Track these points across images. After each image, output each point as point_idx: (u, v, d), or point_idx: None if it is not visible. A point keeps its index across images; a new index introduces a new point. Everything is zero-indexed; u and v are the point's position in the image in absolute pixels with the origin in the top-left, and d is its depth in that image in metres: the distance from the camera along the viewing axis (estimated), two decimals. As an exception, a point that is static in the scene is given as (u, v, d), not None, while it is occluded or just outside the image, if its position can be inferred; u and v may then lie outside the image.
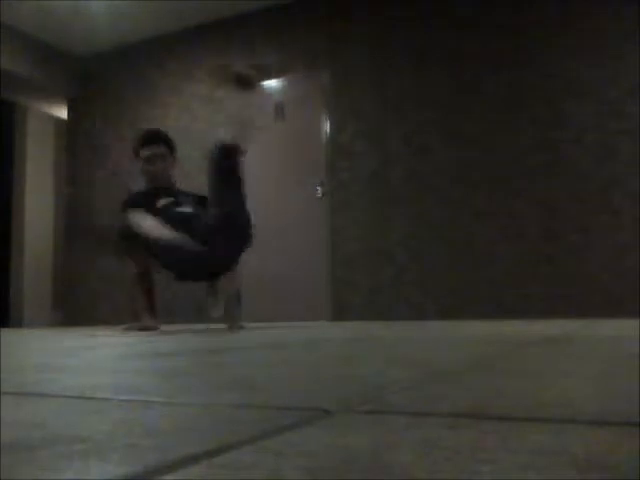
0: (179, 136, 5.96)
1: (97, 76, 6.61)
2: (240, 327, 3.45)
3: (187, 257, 3.09)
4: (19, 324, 6.19)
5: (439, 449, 0.38)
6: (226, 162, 3.08)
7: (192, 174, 5.14)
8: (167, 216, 3.19)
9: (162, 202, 3.37)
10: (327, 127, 5.34)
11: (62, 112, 6.76)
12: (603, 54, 4.47)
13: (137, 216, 3.17)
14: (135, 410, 0.57)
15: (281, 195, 5.44)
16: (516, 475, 0.32)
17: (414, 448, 0.39)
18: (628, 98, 4.35)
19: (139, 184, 3.77)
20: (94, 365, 1.12)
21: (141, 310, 3.43)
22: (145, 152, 3.47)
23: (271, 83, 5.65)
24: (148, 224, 3.11)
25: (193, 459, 0.37)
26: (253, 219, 3.30)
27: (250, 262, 5.55)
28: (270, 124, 5.52)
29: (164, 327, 3.65)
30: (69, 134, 6.68)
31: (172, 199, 3.39)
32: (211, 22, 5.94)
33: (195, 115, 5.95)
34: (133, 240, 3.28)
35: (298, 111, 5.48)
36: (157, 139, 3.55)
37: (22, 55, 6.08)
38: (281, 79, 5.61)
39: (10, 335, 3.29)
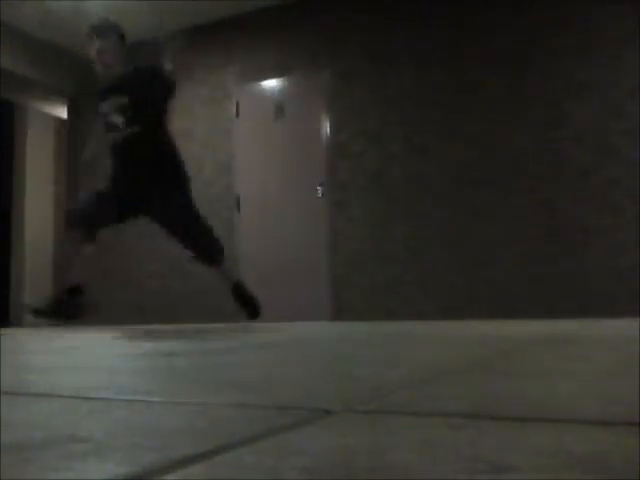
0: (179, 137, 5.96)
1: (97, 76, 6.61)
2: None
3: None
4: (19, 324, 6.19)
5: (439, 449, 0.38)
6: None
7: (193, 173, 5.12)
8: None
9: (105, 106, 3.51)
10: (327, 127, 5.34)
11: (62, 112, 6.76)
12: (603, 54, 4.47)
13: None
14: (135, 410, 0.57)
15: (281, 195, 5.45)
16: (516, 475, 0.32)
17: (414, 448, 0.39)
18: (628, 98, 4.36)
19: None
20: (94, 365, 1.12)
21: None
22: (94, 44, 3.50)
23: (271, 83, 5.65)
24: None
25: (193, 459, 0.37)
26: None
27: (250, 262, 5.55)
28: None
29: (170, 327, 3.65)
30: (69, 134, 6.68)
31: (113, 103, 3.48)
32: (211, 22, 5.94)
33: (195, 115, 5.95)
34: None
35: (298, 111, 5.48)
36: (105, 30, 3.53)
37: (22, 55, 6.08)
38: (281, 79, 5.61)
39: (10, 335, 3.29)
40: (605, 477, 0.32)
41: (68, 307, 3.19)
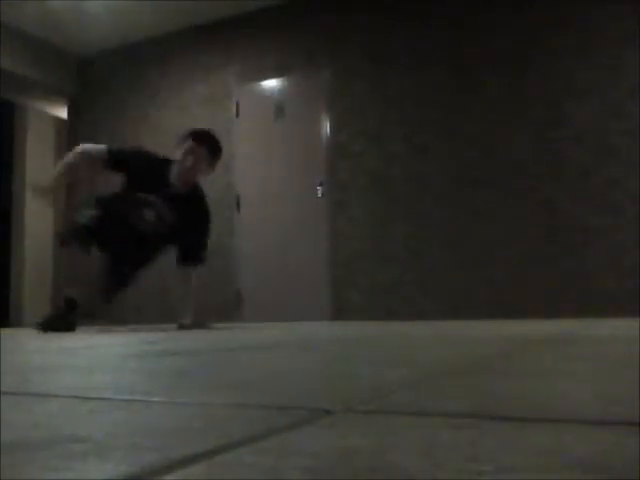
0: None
1: (97, 76, 6.62)
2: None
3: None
4: (19, 324, 6.19)
5: (439, 449, 0.38)
6: None
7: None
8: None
9: (147, 195, 3.39)
10: (327, 127, 5.34)
11: (62, 112, 6.76)
12: (603, 54, 4.47)
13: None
14: (135, 410, 0.57)
15: (281, 195, 5.44)
16: (516, 475, 0.32)
17: (414, 448, 0.39)
18: (628, 98, 4.36)
19: None
20: (94, 365, 1.12)
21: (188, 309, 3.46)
22: (184, 146, 3.42)
23: (271, 83, 5.65)
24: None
25: (193, 459, 0.37)
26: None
27: (250, 262, 5.55)
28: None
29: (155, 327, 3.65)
30: (69, 134, 6.68)
31: (155, 200, 3.38)
32: (211, 22, 5.94)
33: (195, 115, 5.95)
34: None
35: (298, 111, 5.48)
36: (202, 138, 3.46)
37: (22, 55, 6.08)
38: (281, 79, 5.61)
39: (10, 335, 3.29)
40: (605, 477, 0.32)
41: (67, 320, 3.19)
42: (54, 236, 3.29)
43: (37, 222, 6.50)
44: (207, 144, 3.45)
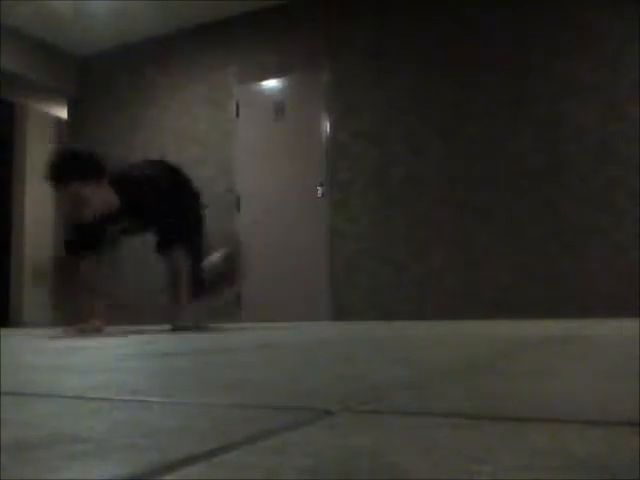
0: (179, 136, 5.98)
1: (97, 76, 6.61)
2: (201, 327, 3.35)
3: None
4: (19, 324, 6.19)
5: (439, 449, 0.38)
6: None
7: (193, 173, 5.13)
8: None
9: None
10: (327, 127, 5.34)
11: (62, 112, 6.76)
12: (603, 54, 4.47)
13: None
14: (135, 410, 0.57)
15: (281, 195, 5.44)
16: (516, 475, 0.32)
17: (414, 448, 0.39)
18: (628, 98, 4.36)
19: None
20: (94, 365, 1.12)
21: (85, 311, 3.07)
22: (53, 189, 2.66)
23: (271, 83, 5.65)
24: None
25: (193, 459, 0.37)
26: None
27: (250, 262, 5.55)
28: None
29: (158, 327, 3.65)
30: (69, 134, 6.68)
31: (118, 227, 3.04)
32: (211, 22, 5.94)
33: (195, 115, 5.95)
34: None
35: (298, 111, 5.49)
36: (61, 171, 2.61)
37: (22, 55, 6.08)
38: (281, 79, 5.61)
39: (10, 335, 3.29)
40: (605, 477, 0.32)
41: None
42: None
43: (37, 221, 6.50)
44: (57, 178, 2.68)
